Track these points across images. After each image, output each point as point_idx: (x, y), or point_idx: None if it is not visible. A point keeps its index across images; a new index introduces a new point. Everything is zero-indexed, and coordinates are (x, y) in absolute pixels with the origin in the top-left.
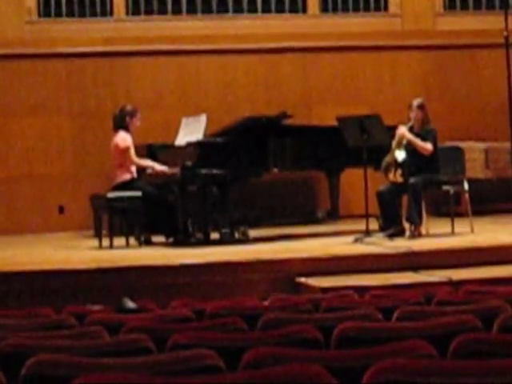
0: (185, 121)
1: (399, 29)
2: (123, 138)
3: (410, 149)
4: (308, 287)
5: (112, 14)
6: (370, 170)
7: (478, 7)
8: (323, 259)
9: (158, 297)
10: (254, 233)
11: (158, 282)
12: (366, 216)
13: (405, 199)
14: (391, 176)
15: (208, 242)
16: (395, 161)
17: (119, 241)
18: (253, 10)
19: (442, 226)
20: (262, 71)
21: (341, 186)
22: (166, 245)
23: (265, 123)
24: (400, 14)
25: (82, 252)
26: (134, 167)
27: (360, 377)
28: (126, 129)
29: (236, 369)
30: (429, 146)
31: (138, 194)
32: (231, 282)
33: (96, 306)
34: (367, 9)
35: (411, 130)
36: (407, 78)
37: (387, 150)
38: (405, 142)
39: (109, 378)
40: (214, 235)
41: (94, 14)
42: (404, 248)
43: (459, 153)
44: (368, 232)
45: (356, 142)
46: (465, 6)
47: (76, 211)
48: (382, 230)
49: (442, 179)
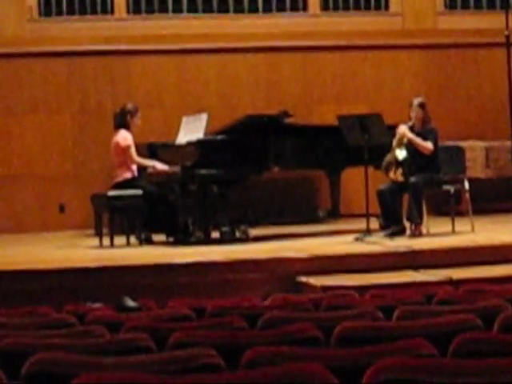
0: (185, 120)
1: (400, 28)
2: (124, 137)
3: (411, 148)
4: (308, 286)
5: (113, 13)
6: (371, 169)
7: (478, 6)
8: (324, 258)
9: (159, 295)
10: (254, 232)
11: (158, 280)
12: (367, 215)
13: (405, 198)
14: (392, 175)
15: (208, 241)
16: (396, 160)
17: (120, 239)
18: (254, 9)
19: (442, 225)
20: (262, 70)
21: (341, 184)
22: (167, 243)
23: (266, 122)
24: (401, 13)
25: (82, 251)
26: (134, 166)
27: (360, 376)
28: (126, 127)
29: (236, 368)
30: (429, 145)
31: (139, 193)
32: (231, 280)
33: (96, 305)
34: (368, 8)
35: (412, 129)
36: (408, 77)
37: (388, 149)
38: (405, 141)
39: (109, 376)
40: (215, 234)
41: (94, 13)
42: (404, 247)
43: (460, 152)
44: (368, 231)
45: (357, 141)
46: (466, 5)
47: (77, 210)
48: (382, 229)
49: (442, 178)
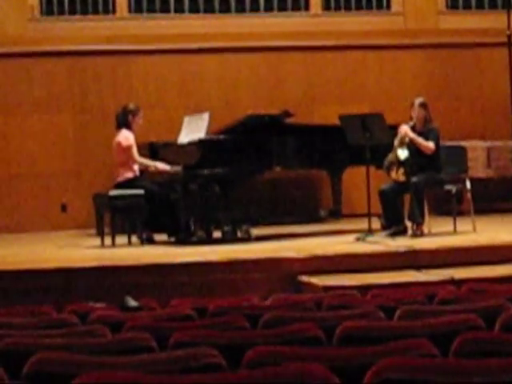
0: (187, 119)
1: (402, 27)
2: (126, 137)
3: (413, 148)
4: (310, 286)
5: (114, 13)
6: (373, 169)
7: (480, 6)
8: (325, 258)
9: (160, 295)
10: (256, 231)
11: (159, 280)
12: (369, 215)
13: (407, 198)
14: (393, 175)
15: (210, 241)
16: (397, 159)
17: (121, 239)
18: (255, 8)
19: (444, 224)
20: (264, 70)
21: (343, 184)
22: (168, 243)
23: (267, 122)
24: (402, 13)
25: (84, 250)
26: (136, 166)
27: (362, 375)
28: (128, 127)
29: (238, 367)
30: (431, 145)
31: (141, 193)
32: (233, 280)
33: (98, 305)
34: (370, 7)
35: (413, 129)
36: (409, 76)
37: (389, 148)
38: (407, 140)
39: (110, 376)
40: (217, 234)
41: (96, 12)
42: (406, 247)
43: (461, 152)
44: (370, 231)
45: (358, 140)
46: (467, 4)
47: (78, 209)
48: (384, 228)
49: (444, 178)
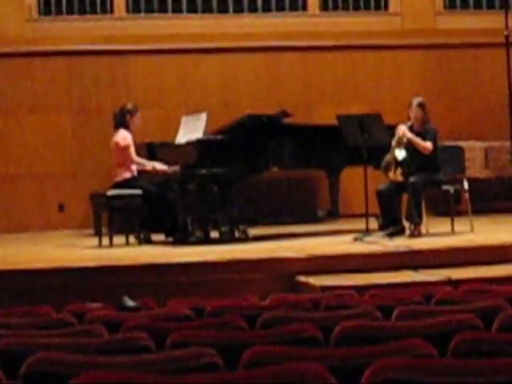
0: (185, 119)
1: (399, 28)
2: (123, 137)
3: (410, 148)
4: (308, 286)
5: (112, 12)
6: (370, 169)
7: (478, 6)
8: (323, 258)
9: (158, 295)
10: (253, 231)
11: (157, 280)
12: (366, 215)
13: (405, 198)
14: (391, 175)
15: (208, 241)
16: (395, 160)
17: (119, 239)
18: (253, 8)
19: (441, 225)
20: (262, 70)
21: (341, 184)
22: (166, 243)
23: (265, 122)
24: (400, 13)
25: (81, 250)
26: (134, 166)
27: (359, 375)
28: (126, 127)
29: (235, 367)
30: (429, 145)
31: (138, 193)
32: (231, 280)
33: (96, 305)
34: (368, 7)
35: (411, 129)
36: (407, 76)
37: (387, 148)
38: (405, 140)
39: (108, 376)
40: (214, 234)
41: (94, 12)
42: (404, 247)
43: (459, 152)
44: (368, 231)
45: (356, 140)
46: (465, 5)
47: (76, 209)
48: (381, 228)
49: (441, 178)
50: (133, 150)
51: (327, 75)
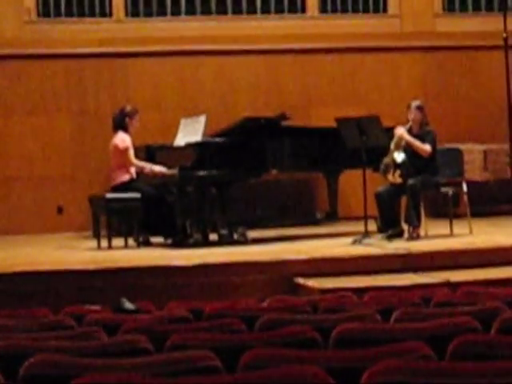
0: (184, 122)
1: (398, 30)
2: (122, 139)
3: (409, 150)
4: (306, 288)
5: (111, 15)
6: (369, 172)
7: (477, 9)
8: (322, 260)
9: (156, 298)
10: (252, 234)
11: (156, 282)
12: (365, 217)
13: (403, 200)
14: (390, 177)
15: (206, 243)
16: (394, 162)
17: (118, 242)
18: (252, 10)
19: (440, 227)
20: (261, 72)
21: (339, 187)
22: (165, 246)
23: (264, 124)
24: (399, 15)
25: (80, 253)
26: (133, 168)
27: (358, 378)
28: (125, 130)
29: (234, 370)
30: (427, 148)
31: (137, 195)
32: (229, 283)
33: (94, 307)
34: (366, 10)
35: (409, 132)
36: (406, 79)
37: (386, 151)
38: (403, 143)
39: (107, 378)
40: (213, 236)
41: (93, 15)
42: (402, 249)
43: (458, 154)
44: (367, 233)
45: (355, 143)
46: (464, 7)
47: (75, 212)
48: (380, 231)
49: (440, 181)
50: (132, 153)
51: (326, 77)
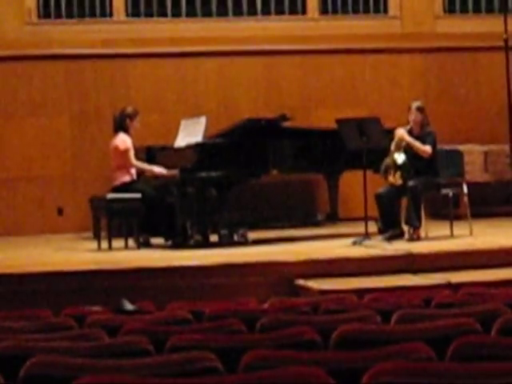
0: (184, 123)
1: (399, 31)
2: (123, 140)
3: (409, 151)
4: (307, 289)
5: (111, 16)
6: (370, 173)
7: (477, 10)
8: (322, 262)
9: (157, 299)
10: (253, 235)
11: (156, 283)
12: (365, 219)
13: (404, 202)
14: (390, 178)
15: (207, 244)
16: (394, 163)
17: (118, 242)
18: (252, 12)
19: (440, 228)
20: (261, 73)
21: (340, 188)
22: (165, 247)
23: (264, 125)
24: (399, 17)
25: (80, 254)
26: (133, 169)
27: (359, 379)
28: (125, 131)
29: (235, 371)
30: (428, 149)
31: (137, 196)
32: (230, 284)
33: (95, 308)
34: (367, 11)
35: (410, 133)
36: (406, 80)
37: (386, 152)
38: (404, 144)
39: (107, 379)
40: (213, 237)
41: (93, 16)
42: (403, 251)
43: (458, 156)
44: (367, 234)
45: (355, 144)
46: (464, 8)
47: (75, 213)
48: (381, 232)
49: (441, 182)
50: (132, 154)
51: (326, 79)
